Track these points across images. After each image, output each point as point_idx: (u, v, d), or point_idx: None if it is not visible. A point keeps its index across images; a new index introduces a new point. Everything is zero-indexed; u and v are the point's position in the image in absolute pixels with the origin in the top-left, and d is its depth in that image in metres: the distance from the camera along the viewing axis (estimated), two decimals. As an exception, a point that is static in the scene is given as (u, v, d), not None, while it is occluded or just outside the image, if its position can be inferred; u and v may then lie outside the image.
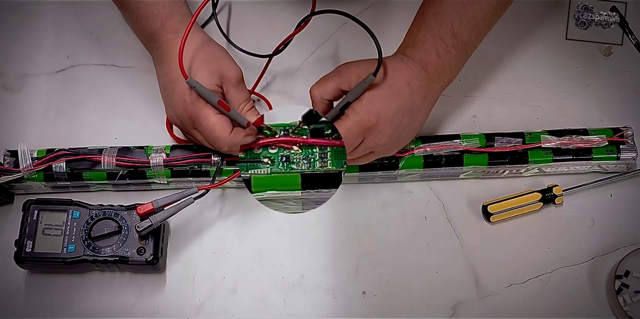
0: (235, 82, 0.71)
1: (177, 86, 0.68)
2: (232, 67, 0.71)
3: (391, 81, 0.67)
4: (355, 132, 0.67)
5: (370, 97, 0.67)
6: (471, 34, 0.69)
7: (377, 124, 0.67)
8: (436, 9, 0.69)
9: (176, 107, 0.69)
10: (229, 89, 0.70)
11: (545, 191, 0.77)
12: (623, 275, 0.75)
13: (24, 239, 0.72)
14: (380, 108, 0.67)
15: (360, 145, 0.69)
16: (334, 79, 0.69)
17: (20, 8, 0.87)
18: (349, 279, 0.76)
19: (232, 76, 0.70)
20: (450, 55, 0.69)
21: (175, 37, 0.70)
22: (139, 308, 0.74)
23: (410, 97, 0.68)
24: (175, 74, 0.68)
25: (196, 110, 0.68)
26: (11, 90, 0.84)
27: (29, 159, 0.75)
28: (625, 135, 0.78)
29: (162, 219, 0.71)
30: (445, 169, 0.77)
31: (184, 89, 0.68)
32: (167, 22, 0.69)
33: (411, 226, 0.78)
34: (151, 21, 0.69)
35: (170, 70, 0.69)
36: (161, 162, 0.76)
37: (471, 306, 0.75)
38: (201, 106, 0.68)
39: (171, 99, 0.69)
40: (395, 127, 0.68)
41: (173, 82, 0.68)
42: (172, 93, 0.69)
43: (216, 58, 0.70)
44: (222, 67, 0.70)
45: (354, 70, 0.68)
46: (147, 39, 0.71)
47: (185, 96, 0.68)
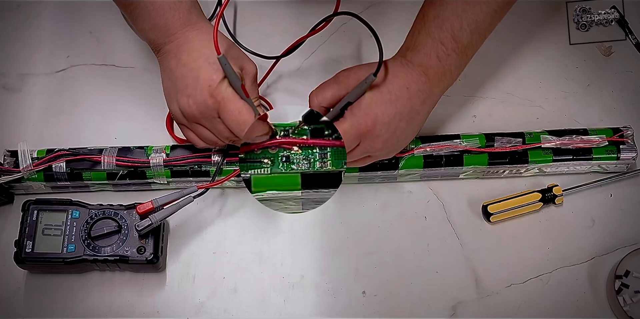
0: (252, 77, 0.71)
1: (201, 72, 0.67)
2: (251, 62, 0.71)
3: (390, 85, 0.67)
4: (351, 134, 0.67)
5: (368, 102, 0.67)
6: (472, 37, 0.69)
7: (374, 128, 0.67)
8: (437, 12, 0.69)
9: (199, 94, 0.68)
10: (246, 82, 0.70)
11: (545, 191, 0.77)
12: (623, 275, 0.75)
13: (23, 240, 0.72)
14: (377, 113, 0.67)
15: (357, 148, 0.69)
16: (333, 86, 0.69)
17: (20, 8, 0.87)
18: (349, 279, 0.76)
19: (250, 70, 0.70)
20: (451, 58, 0.69)
21: (194, 30, 0.69)
22: (139, 307, 0.74)
23: (409, 101, 0.68)
24: (198, 63, 0.68)
25: (221, 93, 0.67)
26: (11, 90, 0.84)
27: (29, 159, 0.75)
28: (625, 135, 0.78)
29: (162, 218, 0.71)
30: (445, 169, 0.77)
31: (209, 74, 0.67)
32: (186, 16, 0.70)
33: (411, 226, 0.78)
34: (167, 15, 0.69)
35: (192, 60, 0.68)
36: (161, 162, 0.76)
37: (471, 306, 0.75)
38: (227, 90, 0.67)
39: (193, 86, 0.68)
40: (393, 132, 0.68)
41: (196, 70, 0.68)
42: (194, 81, 0.68)
43: (237, 51, 0.71)
44: (242, 60, 0.70)
45: (353, 77, 0.68)
46: (160, 34, 0.70)
47: (211, 81, 0.67)
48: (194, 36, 0.69)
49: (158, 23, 0.70)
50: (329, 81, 0.70)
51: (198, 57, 0.68)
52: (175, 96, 0.70)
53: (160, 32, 0.70)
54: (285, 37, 0.80)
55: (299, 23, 0.83)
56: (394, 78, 0.68)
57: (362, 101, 0.67)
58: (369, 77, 0.66)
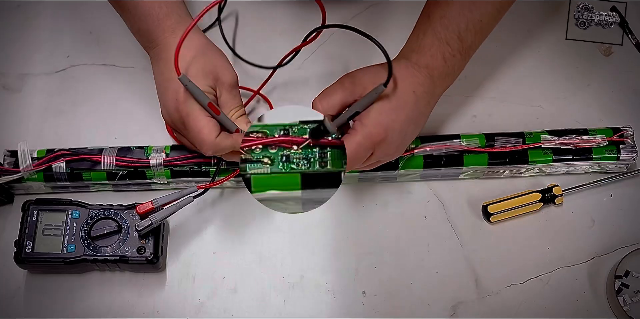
0: (229, 87, 0.70)
1: (171, 84, 0.68)
2: (228, 72, 0.70)
3: (398, 91, 0.66)
4: (365, 146, 0.65)
5: (378, 110, 0.65)
6: (475, 37, 0.68)
7: (387, 137, 0.66)
8: (443, 13, 0.68)
9: (168, 106, 0.68)
10: (222, 93, 0.69)
11: (545, 191, 0.77)
12: (623, 275, 0.75)
13: (23, 240, 0.72)
14: (388, 121, 0.65)
15: (371, 157, 0.68)
16: (339, 93, 0.67)
17: (20, 8, 0.87)
18: (349, 279, 0.76)
19: (226, 80, 0.69)
20: (455, 59, 0.68)
21: (172, 37, 0.69)
22: (139, 307, 0.74)
23: (416, 105, 0.67)
24: (170, 73, 0.67)
25: (186, 109, 0.67)
26: (11, 90, 0.84)
27: (29, 159, 0.75)
28: (625, 135, 0.78)
29: (162, 217, 0.71)
30: (445, 169, 0.77)
31: (177, 88, 0.67)
32: (164, 22, 0.69)
33: (411, 226, 0.78)
34: (148, 20, 0.69)
35: (166, 69, 0.68)
36: (161, 162, 0.76)
37: (471, 306, 0.75)
38: (192, 106, 0.67)
39: (165, 97, 0.69)
40: (404, 137, 0.68)
41: (167, 81, 0.68)
42: (165, 91, 0.68)
43: (213, 60, 0.69)
44: (218, 70, 0.69)
45: (359, 83, 0.66)
46: (144, 39, 0.71)
47: (178, 95, 0.67)
48: (172, 44, 0.68)
49: (141, 28, 0.70)
50: (334, 87, 0.68)
51: (172, 67, 0.66)
52: (160, 100, 0.71)
53: (144, 37, 0.70)
54: (286, 39, 0.80)
55: (300, 26, 0.83)
56: (401, 83, 0.66)
57: (371, 110, 0.65)
58: (378, 88, 0.64)
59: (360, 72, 0.68)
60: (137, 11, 0.69)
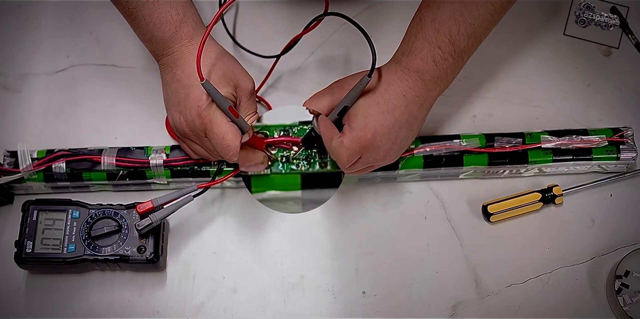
0: (249, 93, 0.71)
1: (192, 91, 0.68)
2: (247, 78, 0.71)
3: (386, 95, 0.67)
4: (353, 149, 0.67)
5: (365, 114, 0.66)
6: (468, 41, 0.68)
7: (374, 140, 0.67)
8: (434, 16, 0.68)
9: (189, 113, 0.68)
10: (242, 99, 0.70)
11: (545, 191, 0.77)
12: (623, 275, 0.75)
13: (23, 240, 0.72)
14: (376, 124, 0.66)
15: (359, 161, 0.68)
16: (327, 96, 0.69)
17: (20, 8, 0.87)
18: (349, 279, 0.76)
19: (246, 87, 0.70)
20: (447, 62, 0.68)
21: (190, 44, 0.69)
22: (139, 307, 0.74)
23: (407, 109, 0.67)
24: (190, 80, 0.68)
25: (209, 116, 0.67)
26: (11, 90, 0.84)
27: (29, 159, 0.75)
28: (625, 135, 0.78)
29: (162, 217, 0.71)
30: (445, 169, 0.77)
31: (198, 95, 0.67)
32: (181, 29, 0.69)
33: (411, 226, 0.78)
34: (164, 28, 0.69)
35: (185, 76, 0.68)
36: (161, 162, 0.76)
37: (471, 306, 0.75)
38: (215, 112, 0.68)
39: (184, 104, 0.68)
40: (393, 141, 0.68)
41: (187, 88, 0.68)
42: (185, 98, 0.68)
43: (232, 69, 0.70)
44: (237, 77, 0.70)
45: (347, 87, 0.67)
46: (158, 46, 0.70)
47: (200, 102, 0.67)
48: (190, 51, 0.69)
49: (155, 35, 0.69)
50: (324, 91, 0.70)
51: (191, 74, 0.67)
52: (170, 109, 0.71)
53: (158, 44, 0.70)
54: (286, 37, 0.80)
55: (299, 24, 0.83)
56: (389, 86, 0.67)
57: (359, 114, 0.66)
58: (363, 79, 0.65)
59: (350, 77, 0.69)
60: (153, 18, 0.68)
